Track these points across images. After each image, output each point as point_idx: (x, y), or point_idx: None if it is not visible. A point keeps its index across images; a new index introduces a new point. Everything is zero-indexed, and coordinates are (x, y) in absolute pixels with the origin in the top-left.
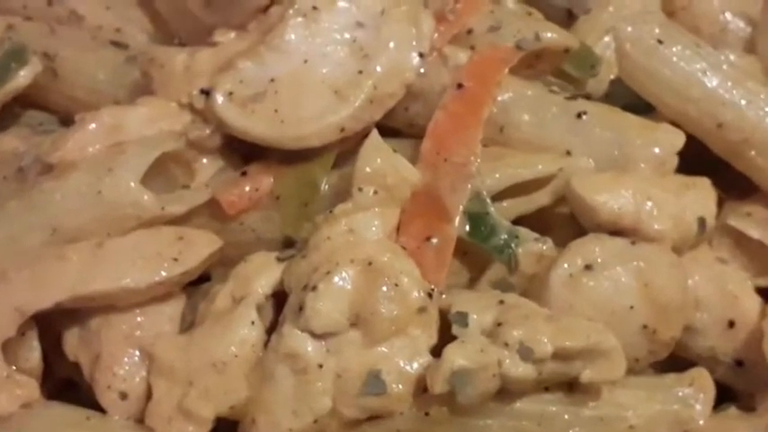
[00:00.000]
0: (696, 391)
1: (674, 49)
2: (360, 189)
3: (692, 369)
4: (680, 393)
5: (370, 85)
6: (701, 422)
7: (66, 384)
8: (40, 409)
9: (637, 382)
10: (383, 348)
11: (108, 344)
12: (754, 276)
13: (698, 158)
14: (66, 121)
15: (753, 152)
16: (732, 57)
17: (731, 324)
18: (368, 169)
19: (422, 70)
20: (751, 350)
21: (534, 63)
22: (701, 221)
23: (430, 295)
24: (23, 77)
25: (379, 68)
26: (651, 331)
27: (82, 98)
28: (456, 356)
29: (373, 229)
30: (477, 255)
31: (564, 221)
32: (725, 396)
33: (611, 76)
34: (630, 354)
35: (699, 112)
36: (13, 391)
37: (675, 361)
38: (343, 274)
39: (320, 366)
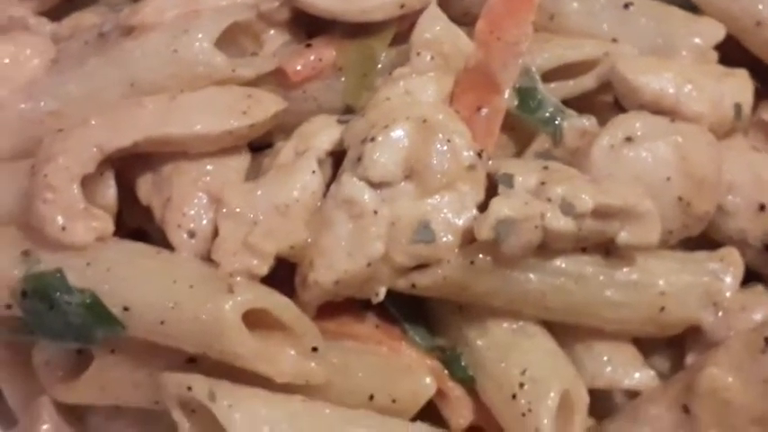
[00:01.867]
0: (726, 265)
1: None
2: (418, 54)
3: (722, 248)
4: (710, 267)
5: None
6: (729, 294)
7: (136, 237)
8: (114, 243)
9: (669, 255)
10: (434, 200)
11: (179, 187)
12: None
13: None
14: None
15: None
16: None
17: (762, 207)
18: (427, 35)
19: None
20: None
21: None
22: (738, 108)
23: (479, 155)
24: None
25: None
26: (686, 204)
27: None
28: (502, 207)
29: (429, 92)
30: (523, 130)
31: (607, 109)
32: (752, 279)
33: None
34: (665, 225)
35: (741, 11)
36: (89, 222)
37: (706, 243)
38: (400, 129)
39: (375, 213)
